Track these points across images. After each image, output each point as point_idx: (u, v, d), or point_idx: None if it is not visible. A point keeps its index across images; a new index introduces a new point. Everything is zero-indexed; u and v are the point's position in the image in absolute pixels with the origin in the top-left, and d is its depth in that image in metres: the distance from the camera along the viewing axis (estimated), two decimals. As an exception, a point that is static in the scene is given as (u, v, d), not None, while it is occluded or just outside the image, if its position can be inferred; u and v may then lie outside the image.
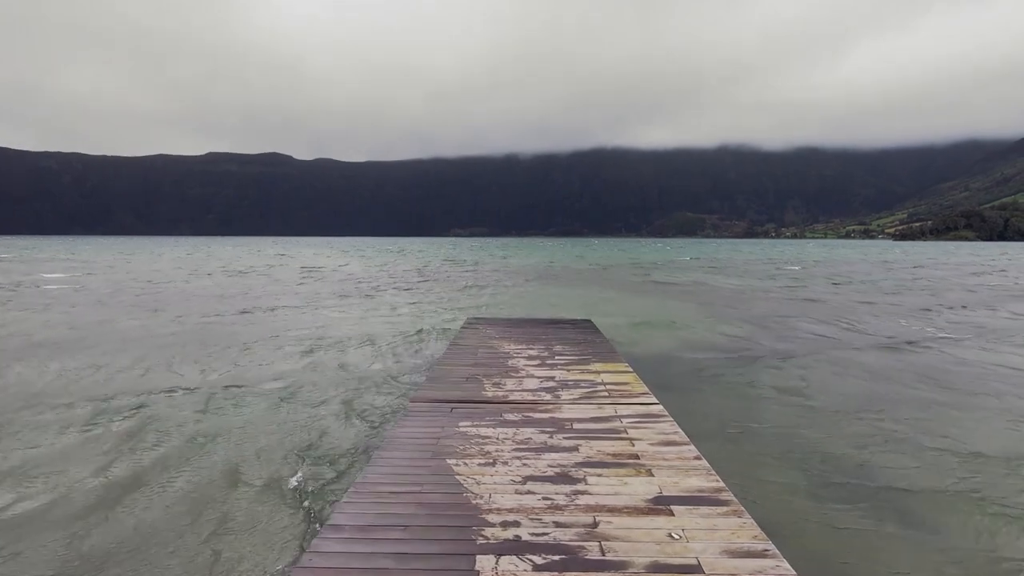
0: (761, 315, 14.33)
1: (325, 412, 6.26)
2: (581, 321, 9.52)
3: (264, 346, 9.83)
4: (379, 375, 7.88)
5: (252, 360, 8.79)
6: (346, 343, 10.10)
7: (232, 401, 6.59)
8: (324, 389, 7.15)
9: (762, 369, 8.42)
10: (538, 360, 6.31)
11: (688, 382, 7.64)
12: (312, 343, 10.07)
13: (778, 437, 5.55)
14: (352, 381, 7.54)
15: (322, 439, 5.42)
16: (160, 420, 5.90)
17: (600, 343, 7.41)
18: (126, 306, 15.34)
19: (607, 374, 5.65)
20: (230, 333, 11.03)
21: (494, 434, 3.91)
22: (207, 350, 9.45)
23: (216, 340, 10.29)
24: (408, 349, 9.60)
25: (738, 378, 7.87)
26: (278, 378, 7.70)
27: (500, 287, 22.28)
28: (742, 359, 9.09)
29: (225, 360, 8.74)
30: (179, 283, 22.71)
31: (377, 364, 8.57)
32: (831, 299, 18.23)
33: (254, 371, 8.10)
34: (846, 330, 11.96)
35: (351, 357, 9.02)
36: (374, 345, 9.91)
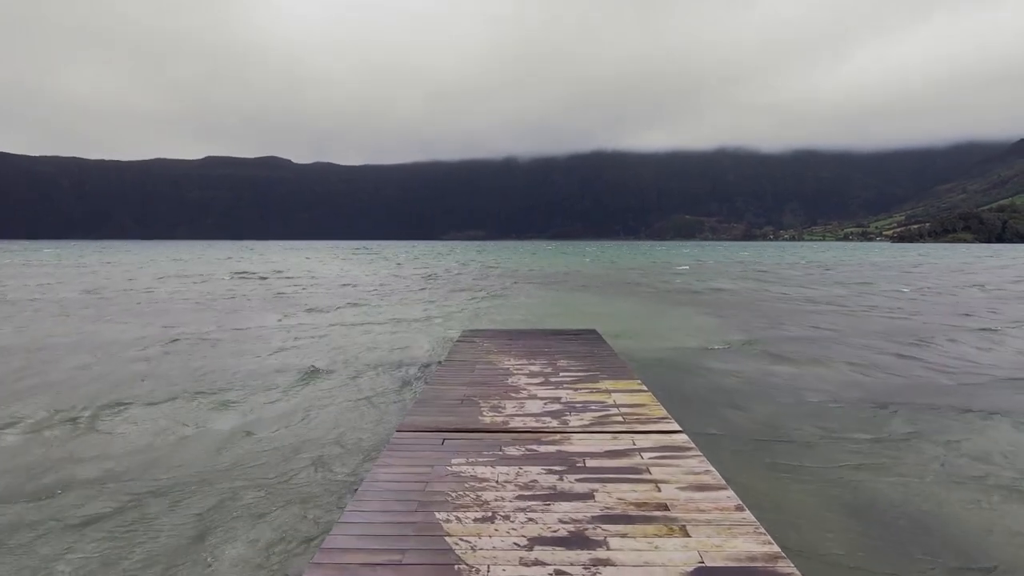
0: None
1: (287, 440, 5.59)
2: (586, 331, 8.93)
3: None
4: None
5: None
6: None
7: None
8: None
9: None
10: (541, 378, 5.71)
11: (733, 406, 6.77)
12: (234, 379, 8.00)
13: (826, 472, 4.80)
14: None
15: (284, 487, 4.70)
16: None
17: (608, 356, 6.82)
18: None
19: (619, 394, 5.05)
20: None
21: (493, 475, 3.30)
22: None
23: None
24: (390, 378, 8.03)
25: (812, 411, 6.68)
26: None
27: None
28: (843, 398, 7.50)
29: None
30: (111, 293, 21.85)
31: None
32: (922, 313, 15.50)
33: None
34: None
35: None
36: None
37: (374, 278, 29.55)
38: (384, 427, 5.87)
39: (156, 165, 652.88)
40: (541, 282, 26.89)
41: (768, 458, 5.10)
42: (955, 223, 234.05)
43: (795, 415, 6.41)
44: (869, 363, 9.07)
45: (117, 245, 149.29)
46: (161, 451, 5.31)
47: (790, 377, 8.22)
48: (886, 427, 5.99)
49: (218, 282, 25.96)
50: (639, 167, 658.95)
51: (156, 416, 6.35)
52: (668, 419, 4.30)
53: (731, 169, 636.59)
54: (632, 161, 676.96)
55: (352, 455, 5.15)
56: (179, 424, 6.09)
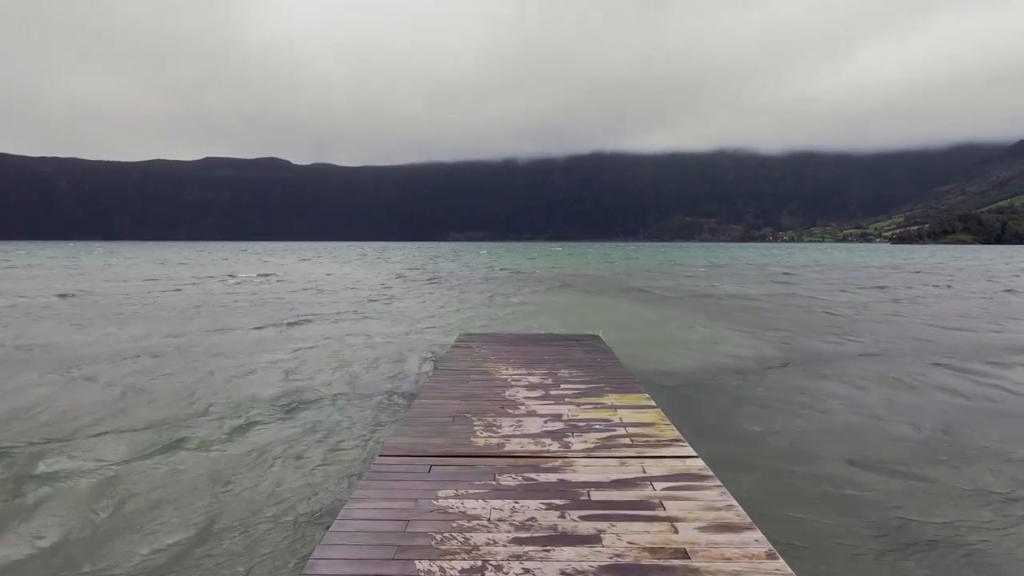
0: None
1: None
2: (587, 337, 8.53)
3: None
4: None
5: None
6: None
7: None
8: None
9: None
10: (541, 390, 5.30)
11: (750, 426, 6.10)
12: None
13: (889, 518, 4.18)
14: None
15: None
16: None
17: (612, 366, 6.42)
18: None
19: (626, 410, 4.65)
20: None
21: (485, 511, 2.88)
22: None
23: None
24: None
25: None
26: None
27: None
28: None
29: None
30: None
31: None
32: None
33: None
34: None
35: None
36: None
37: (375, 281, 29.16)
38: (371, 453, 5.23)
39: (156, 166, 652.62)
40: (548, 285, 26.48)
41: (801, 491, 4.56)
42: (954, 224, 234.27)
43: (835, 442, 5.62)
44: (930, 383, 7.98)
45: (114, 246, 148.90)
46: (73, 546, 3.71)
47: (827, 396, 7.35)
48: (956, 466, 5.10)
49: (210, 285, 25.52)
50: (638, 168, 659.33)
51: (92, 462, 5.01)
52: (681, 441, 3.89)
53: (730, 170, 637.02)
54: (631, 162, 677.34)
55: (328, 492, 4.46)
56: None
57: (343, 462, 5.11)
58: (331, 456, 5.25)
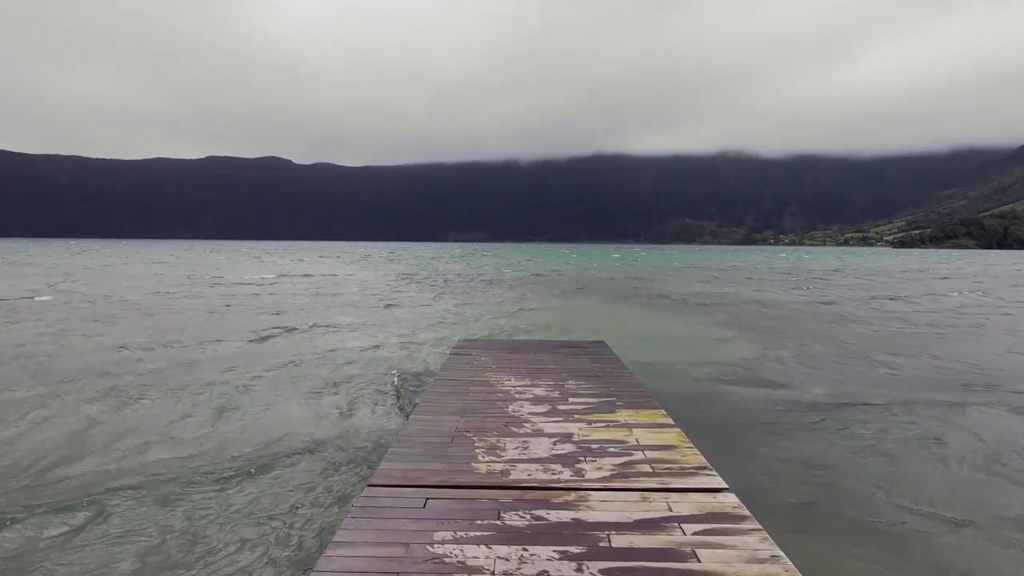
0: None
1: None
2: (593, 344, 8.09)
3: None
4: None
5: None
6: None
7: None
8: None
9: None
10: (547, 405, 4.87)
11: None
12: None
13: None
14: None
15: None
16: None
17: (622, 376, 5.99)
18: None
19: (642, 430, 4.21)
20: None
21: (488, 561, 2.45)
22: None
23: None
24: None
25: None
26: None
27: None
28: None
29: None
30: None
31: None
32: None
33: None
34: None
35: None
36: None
37: (378, 283, 28.76)
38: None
39: (156, 165, 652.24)
40: (555, 288, 26.03)
41: (854, 540, 3.96)
42: (956, 229, 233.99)
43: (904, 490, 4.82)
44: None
45: (113, 244, 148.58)
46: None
47: (866, 423, 6.47)
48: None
49: (204, 286, 25.10)
50: (639, 170, 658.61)
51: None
52: (708, 470, 3.44)
53: (731, 173, 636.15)
54: (632, 164, 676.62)
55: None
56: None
57: (331, 494, 4.55)
58: (319, 483, 4.71)
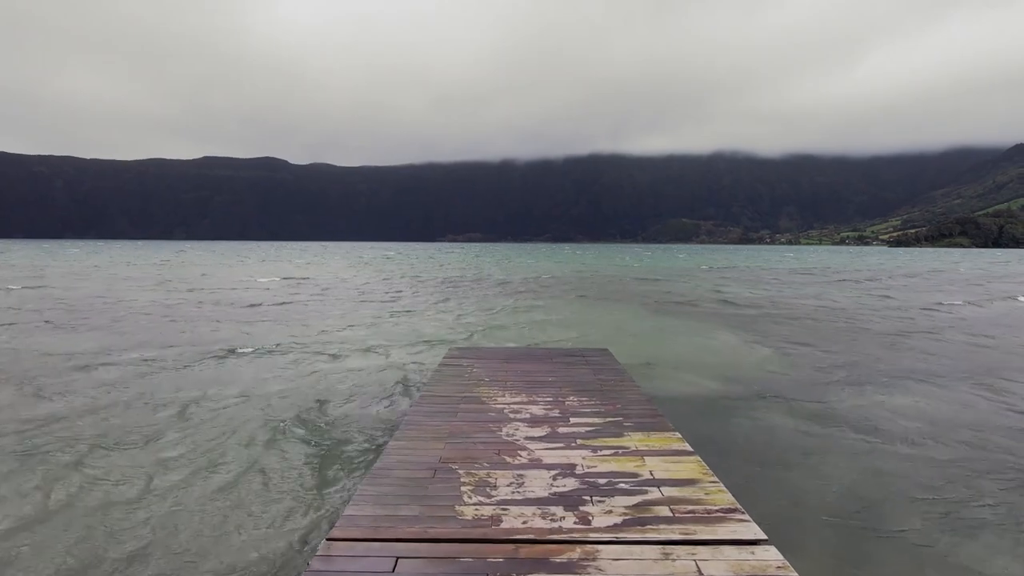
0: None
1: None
2: (594, 351, 7.50)
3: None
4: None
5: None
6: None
7: None
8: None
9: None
10: (546, 426, 4.29)
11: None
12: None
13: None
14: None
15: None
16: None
17: (628, 391, 5.40)
18: None
19: (655, 458, 3.64)
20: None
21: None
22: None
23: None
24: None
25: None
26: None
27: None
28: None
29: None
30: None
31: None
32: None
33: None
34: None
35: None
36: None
37: (382, 285, 28.13)
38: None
39: (153, 165, 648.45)
40: (561, 289, 25.40)
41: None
42: (952, 228, 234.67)
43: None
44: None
45: (105, 245, 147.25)
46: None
47: (897, 446, 5.58)
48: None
49: (177, 291, 24.43)
50: (636, 170, 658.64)
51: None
52: (740, 513, 2.83)
53: (728, 173, 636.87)
54: (629, 164, 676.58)
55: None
56: None
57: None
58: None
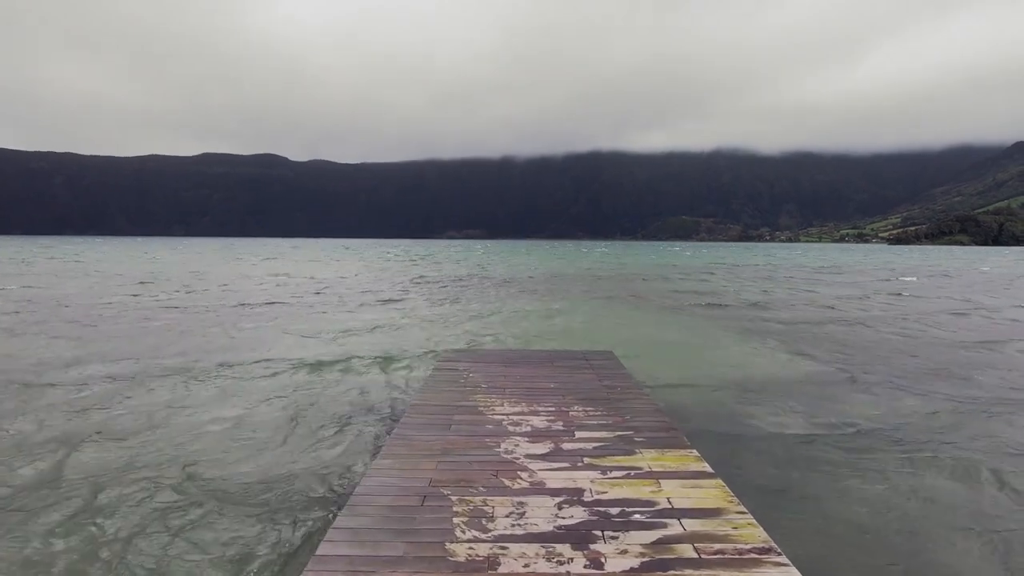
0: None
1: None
2: (598, 354, 7.09)
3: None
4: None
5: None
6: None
7: None
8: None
9: None
10: (549, 441, 3.89)
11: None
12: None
13: None
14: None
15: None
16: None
17: (635, 398, 5.01)
18: None
19: (672, 481, 3.23)
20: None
21: None
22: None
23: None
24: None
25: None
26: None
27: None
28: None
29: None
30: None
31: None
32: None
33: None
34: None
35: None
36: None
37: (387, 286, 27.71)
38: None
39: (152, 162, 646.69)
40: (569, 290, 24.98)
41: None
42: (952, 225, 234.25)
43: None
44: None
45: (98, 242, 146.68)
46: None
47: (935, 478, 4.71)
48: None
49: (173, 290, 23.98)
50: (636, 167, 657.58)
51: None
52: (776, 555, 2.41)
53: (727, 170, 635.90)
54: (629, 161, 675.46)
55: None
56: None
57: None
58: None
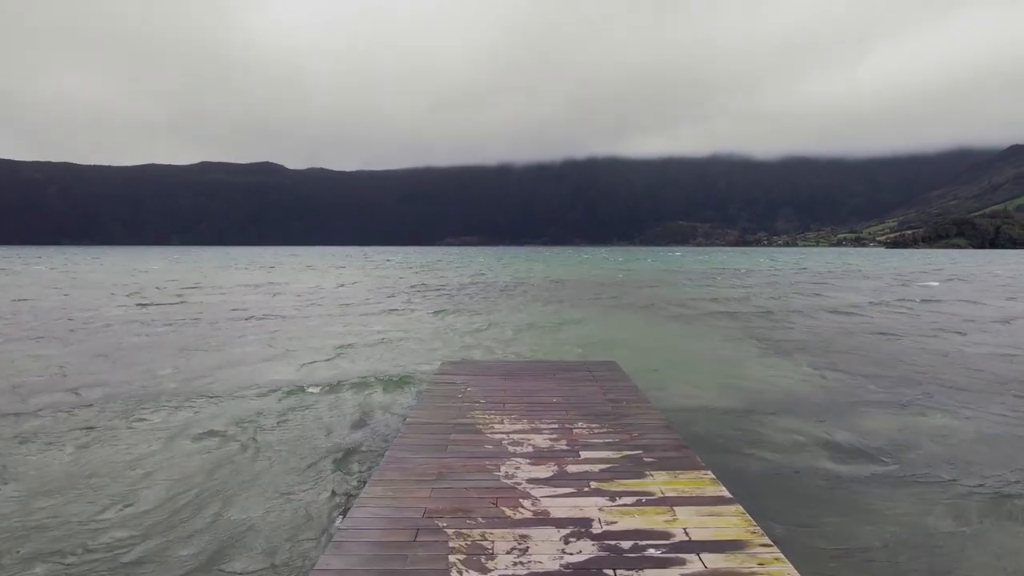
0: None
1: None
2: (600, 365, 6.85)
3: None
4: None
5: None
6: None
7: None
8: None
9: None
10: (553, 464, 3.63)
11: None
12: None
13: None
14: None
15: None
16: None
17: (644, 413, 4.76)
18: None
19: (687, 508, 2.96)
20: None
21: None
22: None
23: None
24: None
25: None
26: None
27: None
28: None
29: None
30: None
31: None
32: None
33: None
34: None
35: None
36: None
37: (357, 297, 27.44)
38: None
39: (148, 171, 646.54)
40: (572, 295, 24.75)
41: None
42: (949, 229, 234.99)
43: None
44: None
45: (90, 252, 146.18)
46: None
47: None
48: None
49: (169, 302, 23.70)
50: (633, 173, 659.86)
51: None
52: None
53: (724, 175, 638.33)
54: (626, 167, 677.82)
55: None
56: None
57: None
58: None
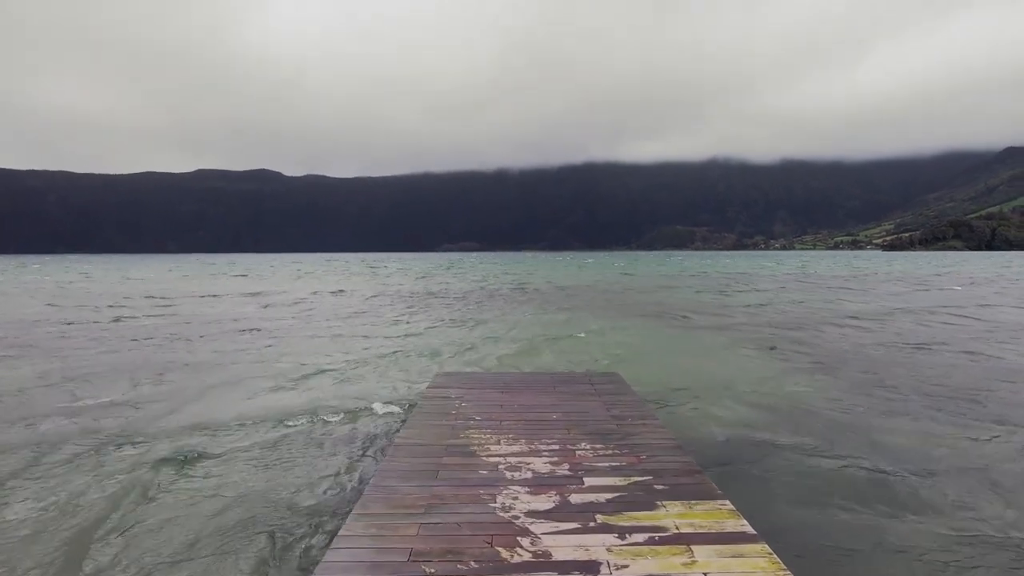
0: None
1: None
2: (602, 377, 6.56)
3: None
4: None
5: None
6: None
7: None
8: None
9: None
10: (555, 495, 3.33)
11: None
12: None
13: None
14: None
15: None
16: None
17: (652, 432, 4.47)
18: None
19: (706, 548, 2.62)
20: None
21: None
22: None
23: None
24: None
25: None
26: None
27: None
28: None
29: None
30: None
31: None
32: None
33: None
34: None
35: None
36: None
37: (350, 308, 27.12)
38: None
39: (146, 178, 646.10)
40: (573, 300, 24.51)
41: None
42: (945, 231, 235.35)
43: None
44: None
45: (87, 260, 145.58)
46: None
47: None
48: None
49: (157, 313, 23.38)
50: (630, 178, 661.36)
51: None
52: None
53: (721, 179, 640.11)
54: (623, 172, 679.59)
55: None
56: None
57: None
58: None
